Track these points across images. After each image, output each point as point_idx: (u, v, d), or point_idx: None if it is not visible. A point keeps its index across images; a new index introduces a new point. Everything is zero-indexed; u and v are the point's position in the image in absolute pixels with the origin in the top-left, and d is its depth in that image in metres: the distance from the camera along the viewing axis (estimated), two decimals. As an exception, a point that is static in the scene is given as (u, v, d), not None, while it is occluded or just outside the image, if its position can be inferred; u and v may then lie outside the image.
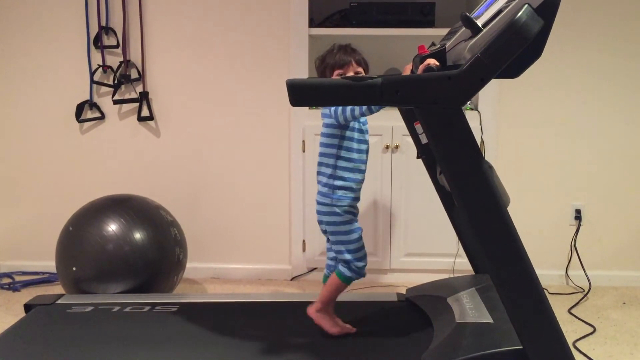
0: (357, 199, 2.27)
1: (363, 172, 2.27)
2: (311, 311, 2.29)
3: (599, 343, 2.64)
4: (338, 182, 2.22)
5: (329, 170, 2.23)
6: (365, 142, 2.27)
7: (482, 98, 3.27)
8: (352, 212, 2.26)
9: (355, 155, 2.23)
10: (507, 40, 1.58)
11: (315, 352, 2.13)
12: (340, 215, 2.23)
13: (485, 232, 1.74)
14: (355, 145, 2.23)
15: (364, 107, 2.04)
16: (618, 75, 3.26)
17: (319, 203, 2.27)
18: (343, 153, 2.21)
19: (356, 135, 2.23)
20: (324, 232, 2.32)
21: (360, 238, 2.28)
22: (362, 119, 2.24)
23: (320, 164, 2.27)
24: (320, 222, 2.31)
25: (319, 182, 2.27)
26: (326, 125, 2.24)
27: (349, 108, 2.10)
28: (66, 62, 3.42)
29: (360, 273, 2.27)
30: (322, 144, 2.26)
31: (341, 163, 2.22)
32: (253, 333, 2.31)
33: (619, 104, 3.29)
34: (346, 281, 2.27)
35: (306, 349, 2.17)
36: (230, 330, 2.33)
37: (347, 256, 2.24)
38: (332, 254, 2.37)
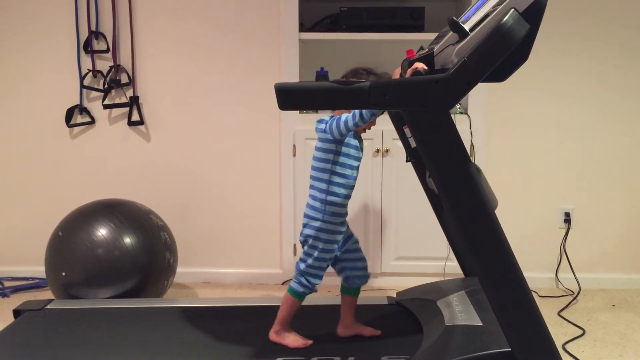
0: (345, 214, 2.27)
1: (353, 187, 2.26)
2: (272, 336, 2.28)
3: (588, 345, 2.65)
4: (330, 198, 2.20)
5: (323, 185, 2.21)
6: (359, 159, 2.25)
7: (472, 102, 3.29)
8: (339, 231, 2.25)
9: (348, 172, 2.22)
10: (493, 44, 1.59)
11: (306, 356, 2.13)
12: (328, 233, 2.22)
13: (473, 234, 1.75)
14: (349, 162, 2.22)
15: (357, 119, 2.03)
16: (607, 79, 3.29)
17: (307, 216, 2.24)
18: (338, 169, 2.20)
19: (352, 151, 2.22)
20: (303, 242, 2.27)
21: (329, 260, 2.27)
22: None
23: (313, 178, 2.24)
24: (301, 234, 2.26)
25: (311, 195, 2.25)
26: (321, 140, 2.22)
27: (342, 121, 2.09)
28: (56, 66, 3.42)
29: (312, 289, 2.26)
30: (317, 159, 2.24)
31: (335, 179, 2.20)
32: (244, 337, 2.31)
33: (609, 107, 3.31)
34: (299, 297, 2.26)
35: (296, 353, 2.17)
36: (221, 335, 2.33)
37: (303, 266, 2.23)
38: (363, 263, 2.36)
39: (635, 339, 2.72)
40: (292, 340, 2.26)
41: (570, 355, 2.52)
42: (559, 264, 3.39)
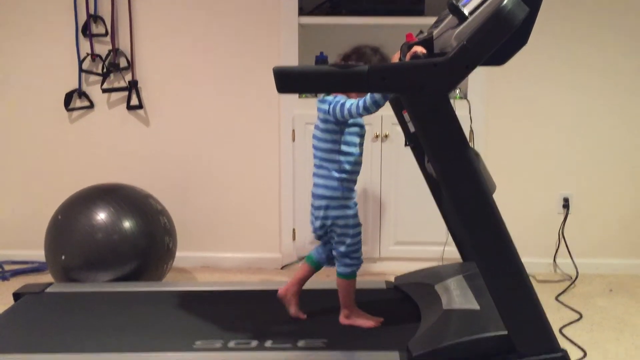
0: (356, 191, 2.28)
1: (360, 164, 2.26)
2: (343, 320, 2.29)
3: (585, 330, 2.67)
4: (345, 176, 2.21)
5: (336, 166, 2.20)
6: (363, 135, 2.25)
7: (472, 87, 3.28)
8: (356, 204, 2.27)
9: (355, 150, 2.21)
10: (492, 28, 1.59)
11: (305, 339, 2.14)
12: (352, 209, 2.24)
13: (471, 219, 1.76)
14: (355, 140, 2.21)
15: (361, 107, 2.02)
16: (607, 66, 3.28)
17: (325, 197, 2.21)
18: (344, 148, 2.19)
19: (357, 129, 2.22)
20: (322, 227, 2.24)
21: (360, 233, 2.28)
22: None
23: (321, 158, 2.22)
24: (325, 218, 2.22)
25: (322, 175, 2.23)
26: (324, 121, 2.20)
27: (346, 108, 2.07)
28: (54, 50, 3.40)
29: (359, 263, 2.27)
30: (321, 139, 2.21)
31: (343, 158, 2.20)
32: (243, 321, 2.32)
33: (608, 93, 3.30)
34: (351, 277, 2.26)
35: (295, 336, 2.17)
36: (220, 319, 2.34)
37: (343, 249, 2.23)
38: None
39: (632, 323, 2.73)
40: (363, 321, 2.27)
41: (567, 339, 2.54)
42: (557, 249, 3.40)
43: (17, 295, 2.62)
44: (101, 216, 2.79)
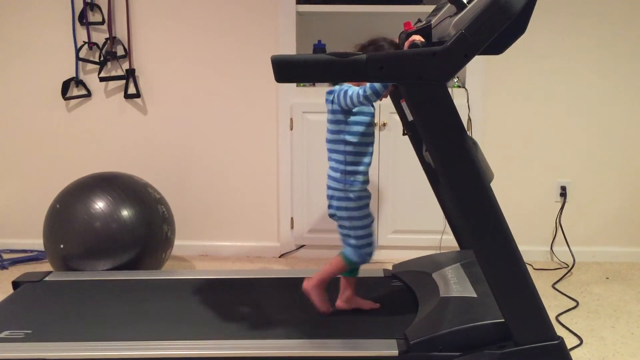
0: (366, 182, 2.25)
1: (371, 154, 2.25)
2: (307, 285, 2.28)
3: (581, 317, 2.69)
4: (349, 168, 2.20)
5: (340, 157, 2.21)
6: (370, 124, 2.23)
7: (470, 75, 3.28)
8: (366, 196, 2.24)
9: (361, 139, 2.20)
10: (491, 16, 1.58)
11: (302, 327, 2.16)
12: (354, 201, 2.21)
13: (468, 207, 1.76)
14: (361, 129, 2.20)
15: (361, 96, 2.04)
16: (605, 55, 3.28)
17: (331, 188, 2.24)
18: (349, 138, 2.19)
19: (364, 119, 2.20)
20: (332, 216, 2.28)
21: (370, 226, 2.25)
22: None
23: (330, 150, 2.24)
24: (330, 207, 2.27)
25: (330, 167, 2.25)
26: (331, 112, 2.22)
27: (348, 96, 2.09)
28: (51, 38, 3.39)
29: (365, 259, 2.26)
30: (328, 130, 2.24)
31: (349, 148, 2.20)
32: (241, 309, 2.33)
33: (606, 82, 3.30)
34: (350, 265, 2.26)
35: (293, 324, 2.19)
36: (218, 307, 2.35)
37: (354, 242, 2.23)
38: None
39: (627, 311, 2.75)
40: (321, 301, 2.26)
41: (564, 326, 2.56)
42: (554, 237, 3.42)
43: (16, 284, 2.63)
44: (99, 205, 2.79)
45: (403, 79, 1.70)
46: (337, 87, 2.19)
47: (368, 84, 2.02)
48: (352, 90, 2.10)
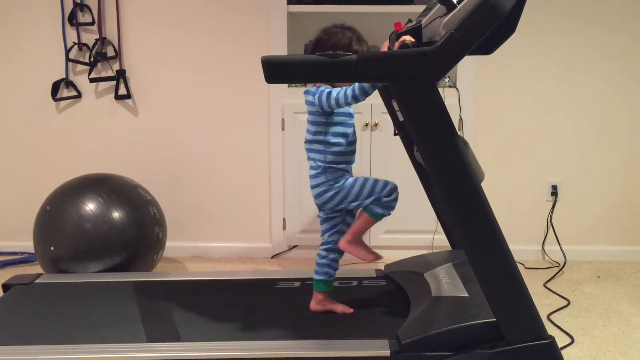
0: (349, 164, 2.25)
1: (354, 153, 2.25)
2: (342, 244, 2.26)
3: (572, 316, 2.70)
4: (331, 166, 2.20)
5: (319, 156, 2.20)
6: (351, 125, 2.23)
7: (461, 75, 3.28)
8: (342, 172, 2.22)
9: (342, 140, 2.20)
10: (480, 16, 1.58)
11: (294, 328, 2.16)
12: (339, 183, 2.20)
13: (459, 207, 1.77)
14: (341, 130, 2.20)
15: (349, 97, 2.03)
16: (596, 54, 3.29)
17: (315, 186, 2.22)
18: (330, 138, 2.19)
19: (344, 119, 2.20)
20: (331, 209, 2.25)
21: (371, 183, 2.22)
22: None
23: (308, 149, 2.23)
24: (325, 202, 2.24)
25: (311, 166, 2.24)
26: (310, 113, 2.21)
27: (333, 97, 2.07)
28: (40, 39, 3.37)
29: (390, 206, 2.25)
30: (309, 131, 2.22)
31: (328, 148, 2.19)
32: (234, 311, 2.33)
33: (597, 82, 3.32)
34: (377, 218, 2.25)
35: (284, 325, 2.19)
36: (210, 308, 2.35)
37: (368, 200, 2.21)
38: (326, 246, 2.32)
39: (619, 310, 2.76)
40: (364, 253, 2.25)
41: (555, 325, 2.57)
42: (545, 237, 3.43)
43: (6, 287, 2.61)
44: (90, 207, 2.77)
45: (393, 80, 1.70)
46: (312, 88, 2.17)
47: (356, 84, 2.01)
48: (337, 91, 2.08)
